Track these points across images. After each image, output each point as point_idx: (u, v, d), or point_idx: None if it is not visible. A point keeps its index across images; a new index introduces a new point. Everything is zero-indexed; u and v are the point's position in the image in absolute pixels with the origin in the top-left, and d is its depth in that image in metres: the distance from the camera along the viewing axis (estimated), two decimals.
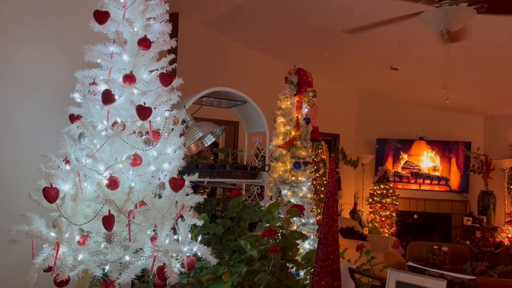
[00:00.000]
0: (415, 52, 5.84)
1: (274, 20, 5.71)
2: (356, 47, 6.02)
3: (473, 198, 7.78)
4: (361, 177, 8.25)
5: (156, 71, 2.05)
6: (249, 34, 6.48)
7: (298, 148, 3.68)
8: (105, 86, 1.90)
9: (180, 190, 1.95)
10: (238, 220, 2.55)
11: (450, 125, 8.13)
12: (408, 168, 8.27)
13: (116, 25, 1.96)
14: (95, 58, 1.95)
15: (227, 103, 3.42)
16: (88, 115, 1.91)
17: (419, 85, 7.17)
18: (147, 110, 1.89)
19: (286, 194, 3.55)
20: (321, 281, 1.92)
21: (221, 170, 2.92)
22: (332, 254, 1.95)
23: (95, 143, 1.83)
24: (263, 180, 3.19)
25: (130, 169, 1.87)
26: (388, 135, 8.40)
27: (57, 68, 2.41)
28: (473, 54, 5.49)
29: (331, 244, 1.94)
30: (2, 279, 2.29)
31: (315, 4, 5.00)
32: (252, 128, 3.49)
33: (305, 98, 3.83)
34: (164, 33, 2.09)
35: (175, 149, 2.03)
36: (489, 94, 6.97)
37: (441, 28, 3.08)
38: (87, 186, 1.85)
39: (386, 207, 7.71)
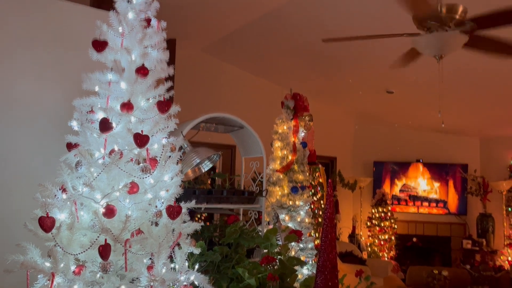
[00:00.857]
0: (410, 75, 5.91)
1: (270, 44, 5.80)
2: (352, 70, 6.10)
3: (472, 220, 7.75)
4: (359, 200, 8.22)
5: (153, 98, 2.06)
6: (245, 58, 6.57)
7: (295, 172, 3.68)
8: (102, 114, 1.91)
9: (177, 217, 1.93)
10: (236, 246, 2.53)
11: (446, 148, 8.16)
12: (406, 190, 8.26)
13: (114, 53, 1.98)
14: (93, 86, 1.96)
15: (224, 129, 3.43)
16: (86, 143, 1.91)
17: (414, 108, 7.23)
18: (145, 138, 1.90)
19: (284, 219, 3.53)
20: None
21: (218, 196, 2.91)
22: (331, 281, 1.92)
23: (92, 171, 1.83)
24: (261, 205, 3.17)
25: (127, 197, 1.86)
26: (385, 157, 8.42)
27: (55, 96, 2.43)
28: (468, 77, 5.56)
29: (330, 271, 1.92)
30: None
31: (310, 29, 5.08)
32: (249, 153, 3.49)
33: (301, 122, 3.85)
34: (161, 61, 2.11)
35: (172, 176, 2.02)
36: (484, 116, 7.04)
37: (434, 53, 3.13)
38: (84, 214, 1.84)
39: (384, 230, 7.66)
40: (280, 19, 5.00)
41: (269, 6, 4.73)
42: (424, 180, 8.19)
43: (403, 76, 5.98)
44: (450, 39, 3.01)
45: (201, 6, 4.68)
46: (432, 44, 3.06)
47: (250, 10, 4.84)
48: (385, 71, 5.83)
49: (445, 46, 3.02)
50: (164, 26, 2.16)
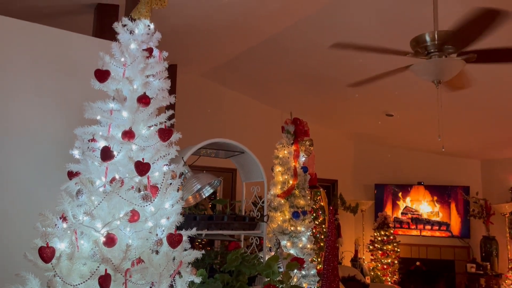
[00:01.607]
0: (409, 98, 5.96)
1: (270, 69, 5.87)
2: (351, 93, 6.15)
3: (475, 243, 7.67)
4: (361, 224, 8.16)
5: (154, 126, 2.08)
6: (245, 83, 6.64)
7: (297, 197, 3.67)
8: (104, 143, 1.92)
9: (178, 246, 1.92)
10: (237, 274, 2.50)
11: (447, 170, 8.15)
12: (408, 213, 8.21)
13: (116, 83, 2.01)
14: (95, 115, 1.98)
15: (224, 154, 3.44)
16: (87, 171, 1.92)
17: (414, 130, 7.26)
18: (146, 166, 1.90)
19: (285, 245, 3.50)
20: None
21: (219, 222, 2.89)
22: None
23: (93, 200, 1.83)
24: (262, 231, 3.15)
25: (127, 226, 1.85)
26: (386, 180, 8.40)
27: (57, 124, 2.45)
28: (468, 99, 5.60)
29: None
30: None
31: (309, 54, 5.16)
32: (250, 177, 3.49)
33: (302, 147, 3.86)
34: (163, 90, 2.14)
35: (173, 203, 2.02)
36: (485, 138, 7.05)
37: (432, 79, 3.17)
38: (84, 243, 1.83)
39: (387, 254, 7.57)
40: (280, 45, 5.08)
41: (268, 32, 4.81)
42: (426, 203, 8.15)
43: (402, 99, 6.03)
44: (448, 65, 3.05)
45: (202, 33, 4.76)
46: (430, 70, 3.10)
47: (250, 36, 4.92)
48: (384, 94, 5.89)
49: (443, 71, 3.05)
50: (166, 56, 2.19)
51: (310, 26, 4.55)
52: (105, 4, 3.86)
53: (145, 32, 2.13)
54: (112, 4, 3.85)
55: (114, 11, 3.85)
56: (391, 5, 3.93)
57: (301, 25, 4.55)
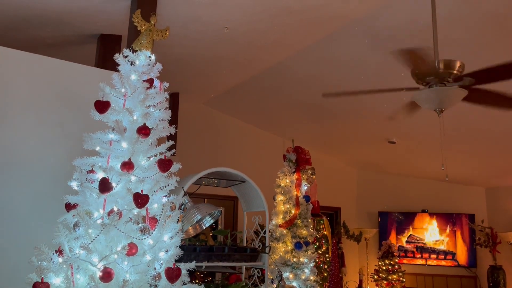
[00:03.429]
0: (410, 127, 5.95)
1: (271, 97, 5.90)
2: (353, 122, 6.16)
3: (483, 273, 7.50)
4: (365, 252, 8.01)
5: (154, 157, 2.06)
6: (247, 111, 6.66)
7: (299, 227, 3.60)
8: (103, 174, 1.90)
9: (177, 280, 1.87)
10: None
11: (452, 197, 8.05)
12: (413, 242, 8.07)
13: (116, 114, 2.01)
14: (94, 146, 1.97)
15: (226, 183, 3.41)
16: (85, 203, 1.89)
17: (417, 158, 7.22)
18: (144, 198, 1.88)
19: (287, 277, 3.41)
20: None
21: (220, 253, 2.83)
22: None
23: (90, 233, 1.79)
24: (264, 263, 3.08)
25: (125, 259, 1.80)
26: (390, 208, 8.30)
27: (56, 155, 2.43)
28: (470, 127, 5.59)
29: None
30: None
31: (309, 82, 5.19)
32: (251, 207, 3.44)
33: (304, 175, 3.83)
34: (163, 120, 2.13)
35: (172, 235, 1.98)
36: (489, 166, 7.00)
37: (434, 107, 3.16)
38: (80, 278, 1.78)
39: (392, 284, 7.40)
40: (281, 74, 5.12)
41: (270, 62, 4.85)
42: (431, 231, 8.02)
43: (404, 126, 6.02)
44: (449, 94, 3.05)
45: (204, 62, 4.81)
46: (431, 98, 3.09)
47: (251, 66, 4.97)
48: (386, 122, 5.89)
49: (444, 100, 3.05)
50: (166, 86, 2.20)
51: (310, 56, 4.59)
52: (108, 35, 3.91)
53: (146, 63, 2.14)
54: (115, 35, 3.90)
55: (116, 41, 3.90)
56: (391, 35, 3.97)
57: (301, 55, 4.60)
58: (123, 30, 3.60)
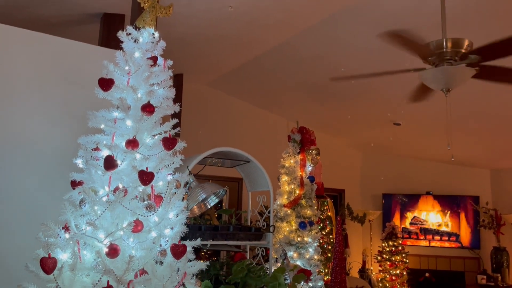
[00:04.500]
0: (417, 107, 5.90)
1: (276, 78, 5.86)
2: (358, 103, 6.12)
3: (486, 254, 7.53)
4: (369, 234, 8.06)
5: (159, 135, 2.06)
6: (251, 92, 6.63)
7: (303, 207, 3.62)
8: (107, 152, 1.90)
9: (182, 257, 1.88)
10: (242, 286, 2.45)
11: (456, 179, 8.04)
12: (416, 223, 8.10)
13: (120, 91, 1.99)
14: (99, 124, 1.97)
15: (230, 163, 3.41)
16: (90, 180, 1.90)
17: (422, 139, 7.19)
18: (149, 175, 1.88)
19: (292, 256, 3.44)
20: None
21: (224, 232, 2.85)
22: None
23: (96, 210, 1.80)
24: (268, 242, 3.10)
25: (131, 236, 1.82)
26: (394, 190, 8.31)
27: (61, 134, 2.44)
28: (476, 108, 5.54)
29: None
30: None
31: (314, 63, 5.14)
32: (255, 187, 3.45)
33: (308, 156, 3.82)
34: (167, 98, 2.12)
35: (178, 213, 1.99)
36: (494, 147, 6.96)
37: (441, 87, 3.12)
38: (86, 254, 1.80)
39: (396, 265, 7.45)
40: (285, 54, 5.07)
41: (273, 42, 4.80)
42: (435, 213, 8.04)
43: (410, 108, 5.98)
44: (456, 73, 3.01)
45: (207, 42, 4.77)
46: (439, 78, 3.06)
47: (255, 46, 4.92)
48: (392, 103, 5.85)
49: (452, 79, 3.01)
50: (170, 64, 2.18)
51: (315, 36, 4.54)
52: (111, 14, 3.88)
53: (149, 40, 2.12)
54: (118, 14, 3.87)
55: (120, 20, 3.87)
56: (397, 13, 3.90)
57: (305, 35, 4.54)
58: (127, 9, 3.56)
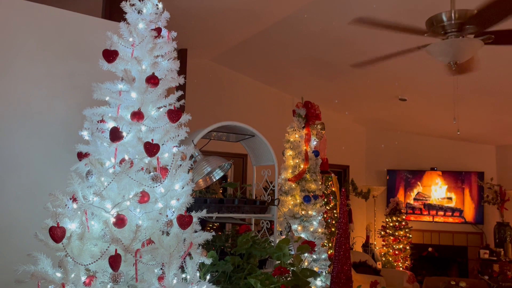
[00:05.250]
0: (423, 82, 5.85)
1: (281, 53, 5.80)
2: (363, 78, 6.06)
3: (489, 230, 7.58)
4: (373, 209, 8.11)
5: (164, 107, 2.06)
6: (256, 68, 6.58)
7: (308, 181, 3.64)
8: (113, 124, 1.91)
9: (188, 227, 1.91)
10: (247, 257, 2.49)
11: (461, 155, 8.03)
12: (420, 199, 8.13)
13: (124, 63, 1.99)
14: (104, 96, 1.97)
15: (235, 137, 3.42)
16: (96, 152, 1.91)
17: (428, 115, 7.14)
18: (155, 147, 1.89)
19: (296, 229, 3.48)
20: None
21: (230, 205, 2.88)
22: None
23: (103, 181, 1.82)
24: (273, 215, 3.14)
25: (137, 207, 1.84)
26: (399, 166, 8.31)
27: (66, 106, 2.44)
28: (483, 84, 5.48)
29: (344, 283, 1.88)
30: None
31: (320, 37, 5.07)
32: (260, 161, 3.47)
33: (313, 130, 3.82)
34: (172, 70, 2.11)
35: (183, 185, 2.01)
36: (500, 123, 6.91)
37: (448, 60, 3.08)
38: (94, 224, 1.83)
39: (399, 240, 7.53)
40: (290, 28, 5.00)
41: (278, 15, 4.73)
42: (439, 189, 8.06)
43: (416, 83, 5.93)
44: (465, 45, 2.97)
45: (211, 17, 4.71)
46: (446, 51, 3.01)
47: (260, 20, 4.85)
48: (397, 78, 5.79)
49: (460, 52, 2.97)
50: (174, 36, 2.16)
51: (321, 8, 4.46)
52: None
53: (153, 11, 2.10)
54: None
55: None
56: None
57: (312, 7, 4.46)
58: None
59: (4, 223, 2.27)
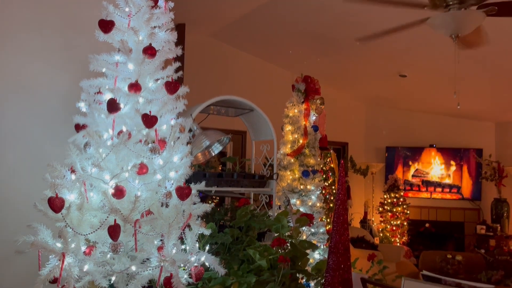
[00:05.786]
0: (423, 58, 5.80)
1: (280, 29, 5.72)
2: (363, 54, 6.00)
3: (486, 206, 7.65)
4: (371, 186, 8.16)
5: (161, 79, 2.04)
6: (255, 44, 6.50)
7: (307, 156, 3.64)
8: (110, 95, 1.89)
9: (187, 199, 1.92)
10: (246, 229, 2.52)
11: (460, 132, 8.03)
12: (419, 176, 8.17)
13: (121, 34, 1.96)
14: (100, 67, 1.94)
15: (234, 112, 3.40)
16: (94, 124, 1.90)
17: (428, 92, 7.11)
18: (153, 119, 1.88)
19: (295, 203, 3.50)
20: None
21: (229, 179, 2.89)
22: (344, 263, 1.90)
23: (101, 152, 1.81)
24: (272, 189, 3.15)
25: (136, 178, 1.84)
26: (398, 143, 8.33)
27: (63, 78, 2.41)
28: (484, 59, 5.43)
29: (342, 253, 1.89)
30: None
31: (320, 12, 4.99)
32: (259, 136, 3.46)
33: (312, 105, 3.80)
34: (169, 42, 2.08)
35: (182, 157, 2.00)
36: (500, 100, 6.89)
37: (450, 33, 3.04)
38: (93, 195, 1.83)
39: (397, 216, 7.61)
40: (289, 4, 4.92)
41: None
42: (438, 165, 8.09)
43: (416, 59, 5.87)
44: (466, 18, 2.92)
45: None
46: (447, 23, 2.97)
47: None
48: (398, 54, 5.73)
49: (461, 25, 2.92)
50: (172, 7, 2.12)
51: None
52: None
53: None
54: None
55: None
56: None
57: None
58: None
59: (2, 196, 2.28)
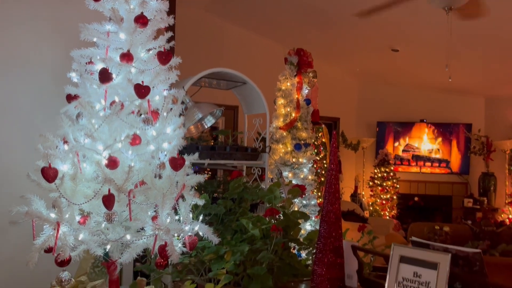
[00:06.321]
0: (415, 33, 5.78)
1: (272, 2, 5.64)
2: (355, 28, 5.96)
3: (474, 180, 7.79)
4: (362, 161, 8.25)
5: (154, 49, 2.01)
6: (247, 17, 6.41)
7: (299, 129, 3.66)
8: (102, 65, 1.87)
9: (181, 169, 1.93)
10: (239, 201, 2.54)
11: (451, 107, 8.10)
12: (409, 150, 8.27)
13: (111, 1, 1.92)
14: (91, 36, 1.91)
15: (226, 84, 3.39)
16: (86, 94, 1.88)
17: (420, 66, 7.12)
18: (145, 89, 1.86)
19: (287, 176, 3.54)
20: (324, 259, 1.91)
21: (221, 152, 2.90)
22: (335, 231, 1.94)
23: (93, 123, 1.80)
24: (264, 162, 3.17)
25: (129, 149, 1.84)
26: (389, 118, 8.38)
27: (53, 48, 2.37)
28: (475, 34, 5.43)
29: (334, 222, 1.93)
30: (4, 260, 2.29)
31: None
32: (252, 110, 3.46)
33: (305, 79, 3.79)
34: (161, 11, 2.04)
35: (175, 128, 2.00)
36: (491, 75, 6.93)
37: (443, 5, 3.03)
38: (86, 166, 1.83)
39: (386, 190, 7.73)
40: None
41: None
42: (428, 140, 8.18)
43: (408, 33, 5.85)
44: None
45: None
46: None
47: None
48: (390, 28, 5.70)
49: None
50: None
51: None
52: None
53: None
54: None
55: None
56: None
57: None
58: None
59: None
